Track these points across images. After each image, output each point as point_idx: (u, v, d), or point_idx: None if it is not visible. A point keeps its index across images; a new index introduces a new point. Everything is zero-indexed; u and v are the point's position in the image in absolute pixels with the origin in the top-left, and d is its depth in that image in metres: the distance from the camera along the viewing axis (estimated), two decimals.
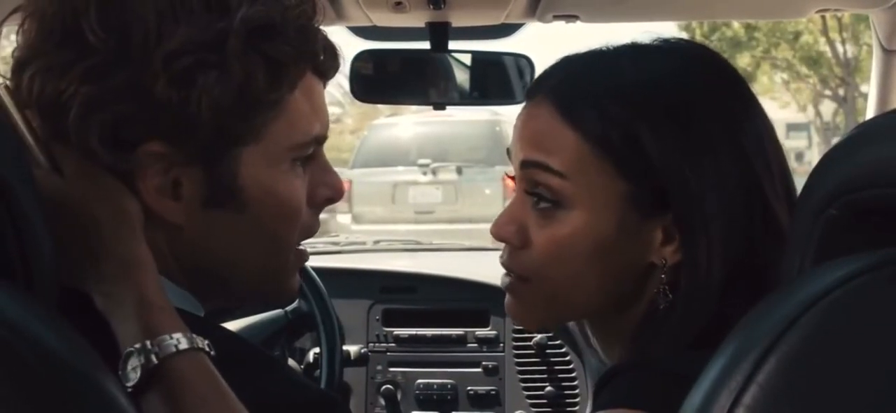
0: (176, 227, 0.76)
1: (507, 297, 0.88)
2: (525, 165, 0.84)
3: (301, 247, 0.84)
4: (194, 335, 0.71)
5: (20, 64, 0.74)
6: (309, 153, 0.80)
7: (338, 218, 8.17)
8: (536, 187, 0.83)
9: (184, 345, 0.70)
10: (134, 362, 0.69)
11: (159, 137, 0.73)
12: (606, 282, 0.82)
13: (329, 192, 0.83)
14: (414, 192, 8.32)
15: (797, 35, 14.75)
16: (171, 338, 0.70)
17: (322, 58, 0.80)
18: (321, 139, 0.81)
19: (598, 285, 0.82)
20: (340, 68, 0.85)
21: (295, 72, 0.77)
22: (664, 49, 0.85)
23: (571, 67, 0.85)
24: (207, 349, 0.71)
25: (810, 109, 17.37)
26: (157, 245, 0.76)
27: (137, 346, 0.69)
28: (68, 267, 0.71)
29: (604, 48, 0.85)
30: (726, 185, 0.79)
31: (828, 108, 16.89)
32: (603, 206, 0.80)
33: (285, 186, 0.78)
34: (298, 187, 0.80)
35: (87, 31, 0.71)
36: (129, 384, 0.68)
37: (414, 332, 1.99)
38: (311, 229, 0.83)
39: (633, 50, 0.85)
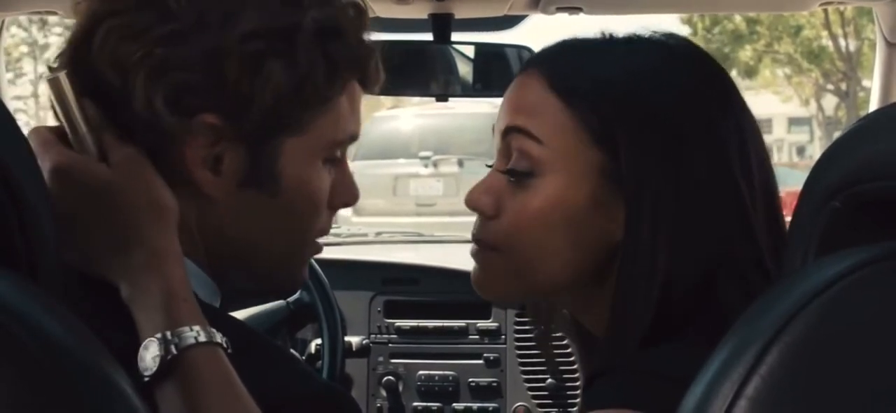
0: (209, 201, 0.78)
1: (473, 268, 0.89)
2: (506, 132, 0.86)
3: (317, 242, 0.87)
4: (213, 329, 0.73)
5: (95, 17, 0.76)
6: (340, 154, 0.84)
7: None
8: (513, 155, 0.84)
9: (202, 337, 0.71)
10: (154, 352, 0.70)
11: (217, 111, 0.75)
12: (576, 254, 0.83)
13: (347, 197, 0.87)
14: (415, 185, 8.30)
15: (799, 29, 14.75)
16: (191, 330, 0.71)
17: (370, 70, 0.84)
18: (354, 139, 0.85)
19: (566, 257, 0.83)
20: None
21: (347, 76, 0.81)
22: (658, 45, 0.86)
23: (566, 48, 0.88)
24: (224, 344, 0.73)
25: (812, 103, 17.37)
26: (187, 219, 0.78)
27: (158, 336, 0.70)
28: (95, 255, 0.74)
29: (601, 36, 0.87)
30: (696, 186, 0.80)
31: (830, 102, 16.89)
32: (577, 173, 0.82)
33: (317, 181, 0.82)
34: (327, 184, 0.83)
35: None
36: (148, 373, 0.70)
37: (415, 324, 1.99)
38: (326, 229, 0.86)
39: (629, 42, 0.86)
